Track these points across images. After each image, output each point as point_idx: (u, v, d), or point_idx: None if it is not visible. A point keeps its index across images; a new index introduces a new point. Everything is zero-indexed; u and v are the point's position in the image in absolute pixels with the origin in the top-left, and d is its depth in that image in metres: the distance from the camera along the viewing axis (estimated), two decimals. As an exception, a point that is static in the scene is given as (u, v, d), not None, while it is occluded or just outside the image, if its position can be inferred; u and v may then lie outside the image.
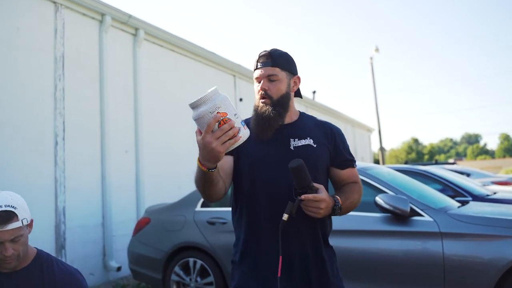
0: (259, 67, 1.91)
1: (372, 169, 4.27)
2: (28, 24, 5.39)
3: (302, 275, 1.83)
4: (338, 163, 1.98)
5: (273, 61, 1.89)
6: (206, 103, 1.53)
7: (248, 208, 1.89)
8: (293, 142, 1.89)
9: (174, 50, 7.97)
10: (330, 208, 1.78)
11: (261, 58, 1.91)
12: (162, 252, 4.71)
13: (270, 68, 1.89)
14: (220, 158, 1.56)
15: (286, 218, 1.71)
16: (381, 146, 21.53)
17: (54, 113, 5.57)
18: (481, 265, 3.26)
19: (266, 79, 1.89)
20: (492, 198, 5.63)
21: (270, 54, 1.90)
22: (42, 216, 5.30)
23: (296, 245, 1.84)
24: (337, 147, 1.99)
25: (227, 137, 1.51)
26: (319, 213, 1.74)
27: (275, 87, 1.89)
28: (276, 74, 1.89)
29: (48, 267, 2.06)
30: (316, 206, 1.72)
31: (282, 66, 1.91)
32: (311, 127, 1.97)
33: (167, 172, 7.42)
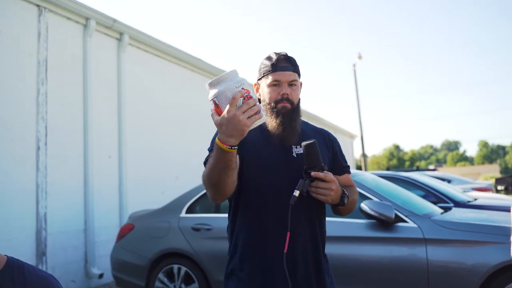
0: (279, 70, 1.85)
1: (356, 176, 4.30)
2: (10, 27, 5.32)
3: (305, 281, 1.82)
4: (336, 170, 1.99)
5: (293, 66, 1.88)
6: (229, 79, 1.52)
7: (251, 215, 1.85)
8: (295, 149, 1.87)
9: (159, 56, 7.94)
10: (339, 195, 1.78)
11: (282, 61, 1.86)
12: (146, 259, 4.66)
13: (292, 73, 1.86)
14: (245, 133, 1.51)
15: (297, 194, 1.68)
16: (363, 153, 21.70)
17: (36, 118, 5.49)
18: (465, 271, 3.31)
19: (287, 83, 1.86)
20: (473, 204, 5.72)
21: (289, 58, 1.88)
22: (23, 222, 5.22)
23: (300, 252, 1.82)
24: (335, 154, 2.00)
25: (253, 112, 1.48)
26: (330, 195, 1.72)
27: (294, 92, 1.87)
28: (296, 80, 1.88)
29: (18, 274, 2.01)
30: (327, 187, 1.71)
31: (298, 72, 1.91)
32: (310, 133, 1.97)
33: (151, 177, 7.36)
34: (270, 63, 1.87)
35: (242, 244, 1.86)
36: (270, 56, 1.90)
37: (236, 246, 1.89)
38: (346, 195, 1.81)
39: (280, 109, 1.84)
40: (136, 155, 7.08)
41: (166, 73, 8.18)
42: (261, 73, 1.92)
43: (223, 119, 1.50)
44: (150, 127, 7.54)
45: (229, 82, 1.51)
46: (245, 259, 1.85)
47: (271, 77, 1.86)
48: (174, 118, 8.15)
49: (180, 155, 8.10)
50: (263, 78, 1.91)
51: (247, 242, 1.84)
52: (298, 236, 1.81)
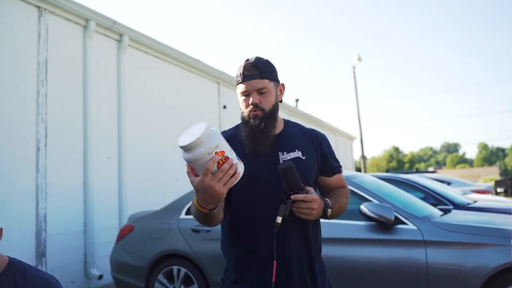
0: (246, 80, 1.82)
1: (356, 178, 4.30)
2: (11, 28, 5.33)
3: (300, 285, 1.81)
4: (326, 171, 1.97)
5: (260, 72, 1.81)
6: (201, 144, 1.44)
7: (243, 227, 1.84)
8: (281, 155, 1.85)
9: (159, 57, 7.94)
10: (322, 210, 1.76)
11: (246, 70, 1.82)
12: (146, 260, 4.66)
13: (259, 80, 1.81)
14: (222, 199, 1.52)
15: (280, 220, 1.68)
16: (362, 155, 21.70)
17: (36, 119, 5.49)
18: (464, 273, 3.30)
19: (256, 92, 1.81)
20: (473, 207, 5.72)
21: (256, 65, 1.82)
22: (23, 223, 5.22)
23: (294, 259, 1.81)
24: (324, 155, 1.97)
25: (228, 177, 1.46)
26: (312, 214, 1.71)
27: (265, 99, 1.83)
28: (266, 87, 1.82)
29: (20, 275, 2.02)
30: (308, 207, 1.70)
31: (269, 76, 1.84)
32: (298, 136, 1.93)
33: (150, 179, 7.37)
34: (239, 72, 1.85)
35: (237, 257, 1.87)
36: (240, 65, 1.87)
37: (232, 258, 1.90)
38: (329, 207, 1.79)
39: (251, 117, 1.82)
40: (136, 156, 7.08)
41: (166, 74, 8.19)
42: (235, 82, 1.91)
43: (199, 186, 1.48)
44: (150, 128, 7.54)
45: (204, 146, 1.44)
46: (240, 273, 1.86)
47: (240, 87, 1.85)
48: (174, 119, 8.15)
49: (180, 156, 8.07)
50: (236, 88, 1.90)
51: (241, 257, 1.85)
52: (291, 246, 1.82)
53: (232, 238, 1.89)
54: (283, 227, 1.73)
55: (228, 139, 1.86)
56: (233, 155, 1.51)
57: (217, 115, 9.79)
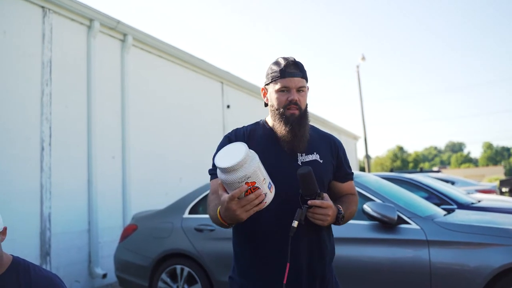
0: (288, 76, 1.84)
1: (359, 177, 4.30)
2: (15, 28, 5.35)
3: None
4: (340, 177, 2.00)
5: (302, 72, 1.87)
6: (237, 171, 1.50)
7: (256, 225, 1.84)
8: (300, 157, 1.86)
9: (162, 57, 7.96)
10: (335, 216, 1.78)
11: (290, 67, 1.85)
12: (149, 259, 4.68)
13: (301, 79, 1.86)
14: (241, 221, 1.57)
15: (296, 225, 1.69)
16: (366, 154, 21.66)
17: (40, 119, 5.52)
18: (467, 273, 3.30)
19: (295, 90, 1.84)
20: (477, 206, 5.70)
21: (298, 65, 1.87)
22: (27, 222, 5.24)
23: (306, 262, 1.82)
24: (340, 161, 2.00)
25: (252, 206, 1.52)
26: (327, 220, 1.73)
27: (302, 98, 1.87)
28: (305, 86, 1.88)
29: (24, 274, 2.04)
30: (323, 213, 1.71)
31: (306, 78, 1.90)
32: (316, 140, 1.95)
33: (154, 178, 7.38)
34: (278, 68, 1.86)
35: (248, 255, 1.87)
36: (278, 61, 1.88)
37: (241, 256, 1.91)
38: (341, 215, 1.81)
39: (289, 116, 1.83)
40: (140, 156, 7.10)
41: (170, 74, 8.20)
42: (269, 78, 1.90)
43: (223, 204, 1.55)
44: (154, 128, 7.56)
45: (237, 173, 1.50)
46: (249, 271, 1.86)
47: (279, 83, 1.85)
48: (178, 119, 8.17)
49: (183, 156, 8.12)
50: (271, 83, 1.89)
51: (251, 254, 1.86)
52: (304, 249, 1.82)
53: (244, 236, 1.89)
54: (297, 231, 1.72)
55: (249, 135, 1.90)
56: (265, 184, 1.55)
57: (220, 115, 9.80)
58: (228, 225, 1.64)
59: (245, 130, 1.95)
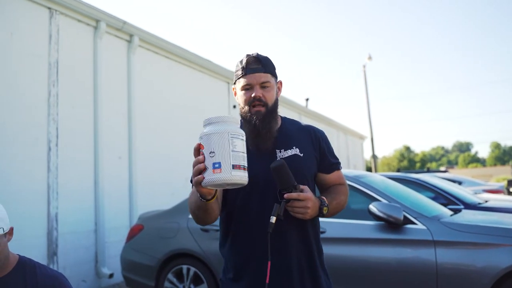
0: (249, 73, 1.79)
1: (365, 177, 4.29)
2: (22, 30, 5.39)
3: (300, 285, 1.79)
4: (324, 168, 1.94)
5: (264, 66, 1.80)
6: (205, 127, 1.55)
7: (240, 226, 1.82)
8: (279, 153, 1.82)
9: (169, 57, 7.98)
10: (317, 208, 1.73)
11: (251, 64, 1.79)
12: (156, 259, 4.69)
13: (263, 74, 1.79)
14: (201, 192, 1.54)
15: (274, 220, 1.66)
16: (373, 154, 21.60)
17: (47, 119, 5.55)
18: (474, 273, 3.28)
19: (259, 86, 1.79)
20: (484, 207, 5.67)
21: (259, 59, 1.81)
22: (35, 222, 5.28)
23: (293, 258, 1.78)
24: (322, 151, 1.93)
25: (193, 171, 1.51)
26: (307, 212, 1.68)
27: (268, 93, 1.80)
28: (269, 81, 1.81)
29: (30, 273, 2.06)
30: (302, 206, 1.67)
31: (271, 71, 1.83)
32: (295, 133, 1.90)
33: (160, 179, 7.40)
34: (241, 66, 1.83)
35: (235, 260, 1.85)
36: (241, 59, 1.84)
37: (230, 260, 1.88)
38: (325, 205, 1.76)
39: (253, 114, 1.79)
40: (146, 156, 7.12)
41: (176, 74, 8.22)
42: (235, 77, 1.87)
43: None
44: (160, 128, 7.58)
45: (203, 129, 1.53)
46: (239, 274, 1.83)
47: (242, 80, 1.82)
48: (184, 119, 8.18)
49: (189, 156, 8.05)
50: (236, 82, 1.86)
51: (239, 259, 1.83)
52: (289, 245, 1.79)
53: (229, 237, 1.87)
54: (279, 226, 1.69)
55: None
56: (211, 157, 1.47)
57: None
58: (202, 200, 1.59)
59: None
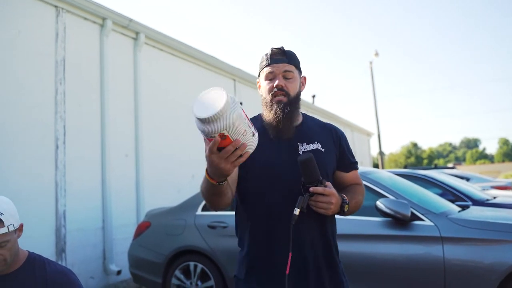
0: (273, 63, 1.83)
1: (372, 174, 4.27)
2: (29, 28, 5.41)
3: (316, 280, 1.79)
4: (343, 167, 1.95)
5: (288, 58, 1.84)
6: (213, 122, 1.37)
7: (257, 217, 1.81)
8: (301, 146, 1.83)
9: (175, 54, 7.98)
10: (339, 205, 1.74)
11: (275, 55, 1.84)
12: (163, 256, 4.71)
13: (286, 64, 1.83)
14: (229, 174, 1.49)
15: (297, 212, 1.64)
16: (380, 151, 21.53)
17: (55, 117, 5.57)
18: (482, 270, 3.26)
19: (281, 75, 1.82)
20: (492, 203, 5.64)
21: (284, 51, 1.85)
22: (43, 219, 5.31)
23: (310, 253, 1.78)
24: (342, 150, 1.95)
25: (235, 157, 1.43)
26: (330, 208, 1.68)
27: (291, 84, 1.83)
28: (292, 71, 1.84)
29: (39, 268, 2.07)
30: (326, 201, 1.67)
31: (295, 64, 1.86)
32: (317, 130, 1.93)
33: (167, 176, 7.42)
34: (265, 57, 1.87)
35: (250, 251, 1.84)
36: (266, 51, 1.89)
37: (245, 251, 1.87)
38: (346, 203, 1.76)
39: (275, 103, 1.81)
40: (153, 153, 7.14)
41: (182, 71, 8.22)
42: (259, 69, 1.91)
43: (207, 160, 1.46)
44: (167, 125, 7.59)
45: (215, 124, 1.37)
46: (253, 266, 1.82)
47: (265, 70, 1.85)
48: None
49: (195, 153, 8.12)
50: (260, 73, 1.90)
51: (254, 248, 1.82)
52: (307, 240, 1.78)
53: (246, 227, 1.86)
54: (299, 221, 1.68)
55: None
56: (246, 134, 1.42)
57: (233, 112, 9.79)
58: (217, 184, 1.54)
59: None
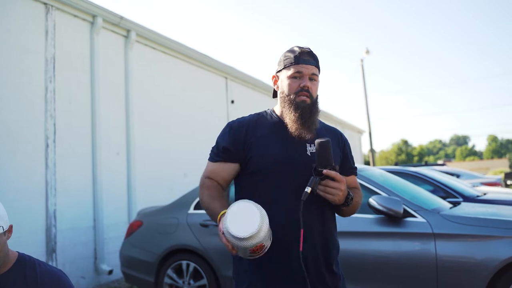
0: (302, 63, 1.85)
1: (365, 171, 4.28)
2: (18, 25, 5.35)
3: (317, 276, 1.81)
4: (344, 171, 1.98)
5: (315, 61, 1.88)
6: (250, 239, 1.50)
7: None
8: (309, 147, 1.86)
9: (166, 52, 7.94)
10: (345, 196, 1.78)
11: (305, 55, 1.86)
12: (155, 255, 4.68)
13: (314, 68, 1.87)
14: None
15: (309, 190, 1.67)
16: (371, 148, 21.62)
17: (45, 115, 5.52)
18: (474, 266, 3.29)
19: (308, 77, 1.85)
20: (483, 199, 5.68)
21: (312, 53, 1.88)
22: (33, 219, 5.26)
23: (311, 247, 1.80)
24: (346, 154, 2.01)
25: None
26: (338, 195, 1.72)
27: (314, 87, 1.87)
28: (317, 75, 1.88)
29: (30, 270, 2.05)
30: (336, 187, 1.71)
31: (319, 69, 1.91)
32: (324, 133, 1.95)
33: (159, 174, 7.39)
34: (293, 55, 1.87)
35: None
36: (293, 49, 1.89)
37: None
38: (351, 196, 1.81)
39: (299, 103, 1.82)
40: (144, 152, 7.11)
41: (173, 70, 8.19)
42: (282, 64, 1.91)
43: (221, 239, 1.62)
44: (158, 123, 7.56)
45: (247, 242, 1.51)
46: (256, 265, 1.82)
47: (293, 69, 1.86)
48: (182, 114, 8.16)
49: (187, 151, 8.12)
50: (284, 69, 1.90)
51: None
52: (309, 234, 1.79)
53: None
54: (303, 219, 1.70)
55: (255, 124, 1.89)
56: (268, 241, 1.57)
57: (225, 110, 9.79)
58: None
59: (250, 119, 1.94)
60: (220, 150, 1.91)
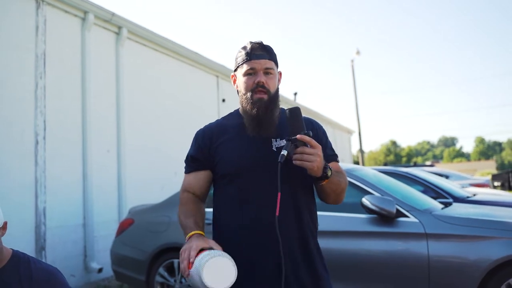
0: (253, 58, 1.78)
1: (358, 171, 4.30)
2: (8, 21, 5.28)
3: (293, 273, 1.75)
4: (324, 158, 1.84)
5: (269, 54, 1.81)
6: None
7: (233, 216, 1.81)
8: (274, 142, 1.80)
9: (158, 50, 7.90)
10: (323, 166, 1.67)
11: (257, 50, 1.79)
12: (146, 253, 4.65)
13: (268, 61, 1.79)
14: None
15: (286, 153, 1.62)
16: (360, 148, 21.72)
17: (35, 112, 5.46)
18: (466, 266, 3.31)
19: (263, 72, 1.78)
20: (473, 200, 5.73)
21: (265, 47, 1.81)
22: (22, 216, 5.20)
23: (285, 243, 1.70)
24: (319, 140, 1.85)
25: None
26: (316, 160, 1.61)
27: (271, 80, 1.79)
28: (273, 68, 1.81)
29: (24, 267, 2.03)
30: (312, 152, 1.61)
31: (275, 60, 1.83)
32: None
33: (150, 172, 7.35)
34: (244, 52, 1.81)
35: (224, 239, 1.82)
36: (245, 45, 1.84)
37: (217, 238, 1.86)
38: (328, 168, 1.70)
39: (256, 101, 1.76)
40: (135, 149, 7.06)
41: (165, 67, 8.15)
42: (236, 63, 1.86)
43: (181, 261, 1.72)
44: (149, 121, 7.51)
45: None
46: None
47: (245, 66, 1.80)
48: (173, 112, 8.13)
49: (178, 149, 8.05)
50: (238, 68, 1.85)
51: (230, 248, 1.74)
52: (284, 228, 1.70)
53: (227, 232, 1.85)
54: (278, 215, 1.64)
55: (219, 130, 1.87)
56: None
57: (216, 109, 9.77)
58: None
59: (216, 124, 1.91)
60: (189, 160, 1.93)
